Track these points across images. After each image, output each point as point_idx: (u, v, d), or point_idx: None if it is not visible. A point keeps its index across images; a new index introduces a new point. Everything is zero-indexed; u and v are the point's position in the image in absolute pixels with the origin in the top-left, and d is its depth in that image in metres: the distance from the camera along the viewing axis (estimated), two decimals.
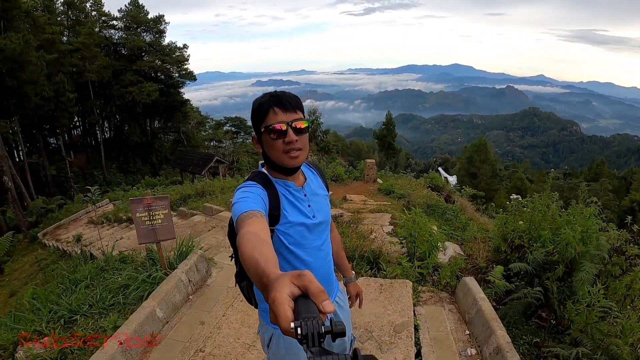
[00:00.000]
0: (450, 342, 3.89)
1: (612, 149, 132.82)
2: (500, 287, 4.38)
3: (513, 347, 3.33)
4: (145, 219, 4.70)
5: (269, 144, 1.66)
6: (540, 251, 4.38)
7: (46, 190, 30.93)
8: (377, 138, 41.72)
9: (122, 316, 4.16)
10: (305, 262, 1.79)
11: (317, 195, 1.88)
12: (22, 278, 12.36)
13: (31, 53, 26.07)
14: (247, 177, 1.80)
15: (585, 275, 3.88)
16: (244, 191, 1.61)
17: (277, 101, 1.63)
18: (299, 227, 1.75)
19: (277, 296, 0.80)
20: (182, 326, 4.18)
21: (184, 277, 4.79)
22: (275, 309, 0.79)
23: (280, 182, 1.76)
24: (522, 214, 5.09)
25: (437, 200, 10.47)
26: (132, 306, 4.35)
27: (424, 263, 5.21)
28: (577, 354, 3.21)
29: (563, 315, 3.95)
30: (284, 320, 0.77)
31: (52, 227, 17.10)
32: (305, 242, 1.79)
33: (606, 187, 41.68)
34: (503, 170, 55.06)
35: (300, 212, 1.77)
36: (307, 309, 0.78)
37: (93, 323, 4.05)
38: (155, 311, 4.10)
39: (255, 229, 1.34)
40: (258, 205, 1.52)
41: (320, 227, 1.85)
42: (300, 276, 0.85)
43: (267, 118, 1.64)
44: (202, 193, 13.18)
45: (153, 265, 5.09)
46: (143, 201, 4.73)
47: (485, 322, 3.74)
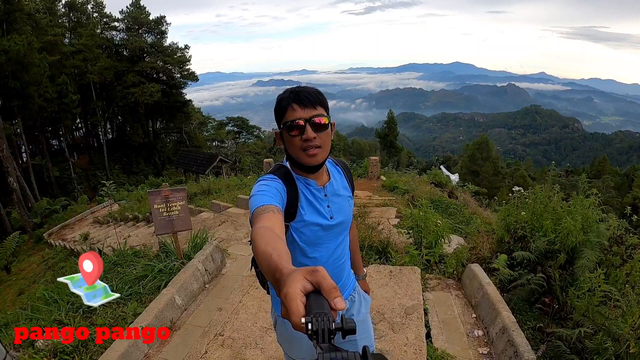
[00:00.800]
0: (458, 324, 4.07)
1: (614, 146, 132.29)
2: (504, 274, 4.47)
3: (518, 326, 3.47)
4: (162, 210, 4.87)
5: (288, 141, 1.64)
6: (542, 240, 4.49)
7: (49, 191, 31.01)
8: (379, 137, 41.75)
9: (140, 305, 4.30)
10: (318, 261, 1.78)
11: (338, 196, 1.84)
12: (30, 277, 12.49)
13: (34, 55, 26.20)
14: (269, 170, 1.77)
15: (586, 262, 3.97)
16: (263, 184, 1.60)
17: (295, 97, 1.61)
18: (314, 227, 1.73)
19: (290, 291, 0.80)
20: (201, 313, 4.36)
21: (201, 266, 4.97)
22: (287, 303, 0.79)
23: (301, 179, 1.74)
24: (525, 206, 5.17)
25: (440, 196, 10.55)
26: (150, 295, 4.49)
27: (431, 252, 5.34)
28: (580, 334, 3.28)
29: (565, 301, 4.03)
30: (295, 315, 0.77)
31: (57, 227, 17.24)
32: (319, 242, 1.77)
33: (608, 184, 41.59)
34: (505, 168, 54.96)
35: (318, 212, 1.75)
36: (319, 305, 0.78)
37: (112, 312, 4.17)
38: (175, 298, 4.29)
39: (270, 224, 1.33)
40: (275, 200, 1.51)
41: (337, 228, 1.82)
42: (314, 272, 0.85)
43: (286, 114, 1.62)
44: (207, 191, 13.28)
45: (167, 257, 5.20)
46: (161, 193, 4.90)
47: (491, 304, 3.88)
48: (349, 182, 1.95)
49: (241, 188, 12.76)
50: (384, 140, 40.62)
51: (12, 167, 23.85)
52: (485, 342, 3.83)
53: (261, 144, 45.65)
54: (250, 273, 5.07)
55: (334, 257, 1.85)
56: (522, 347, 3.18)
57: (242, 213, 9.47)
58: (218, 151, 37.20)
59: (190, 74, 44.12)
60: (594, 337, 3.27)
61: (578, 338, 3.39)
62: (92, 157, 40.54)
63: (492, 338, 3.74)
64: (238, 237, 7.19)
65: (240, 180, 14.78)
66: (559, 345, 3.46)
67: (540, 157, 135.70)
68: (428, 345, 3.61)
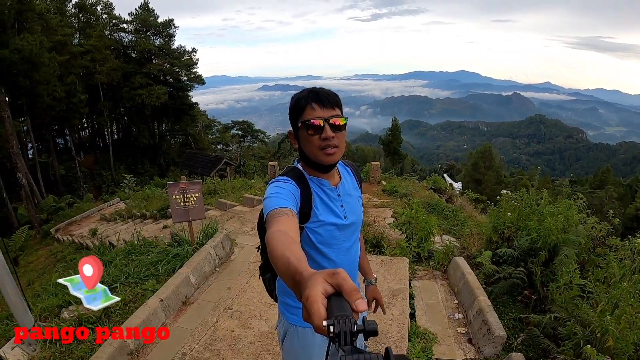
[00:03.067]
0: (440, 307, 4.47)
1: (619, 157, 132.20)
2: (488, 268, 4.81)
3: (493, 308, 3.87)
4: (179, 200, 5.39)
5: (306, 140, 1.66)
6: (525, 239, 4.81)
7: (55, 189, 31.15)
8: (383, 144, 41.80)
9: (158, 283, 4.72)
10: (333, 261, 1.79)
11: (350, 196, 1.86)
12: (39, 269, 12.80)
13: (44, 54, 26.49)
14: (281, 171, 1.78)
15: (564, 258, 4.29)
16: (277, 186, 1.60)
17: (315, 97, 1.63)
18: (330, 226, 1.74)
19: (311, 294, 0.81)
20: (212, 291, 4.85)
21: (212, 251, 5.47)
22: (309, 306, 0.80)
23: (314, 179, 1.75)
24: (512, 208, 5.51)
25: (438, 200, 10.85)
26: (166, 277, 4.90)
27: (421, 246, 5.73)
28: (550, 319, 3.62)
29: (546, 295, 4.36)
30: (317, 318, 0.77)
31: (64, 223, 17.52)
32: (334, 242, 1.78)
33: (611, 194, 41.61)
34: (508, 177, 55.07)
35: (332, 211, 1.76)
36: (340, 307, 0.79)
37: (131, 290, 4.59)
38: (189, 277, 4.78)
39: (285, 227, 1.34)
40: (289, 203, 1.52)
41: (350, 228, 1.84)
42: (335, 274, 0.85)
43: (304, 113, 1.64)
44: (214, 191, 13.63)
45: (179, 245, 5.66)
46: (179, 185, 5.43)
47: (470, 290, 4.28)
48: (358, 182, 1.99)
49: (246, 189, 13.10)
50: (388, 147, 40.64)
51: (21, 163, 24.19)
52: (464, 323, 4.21)
53: (265, 148, 45.78)
54: (255, 260, 5.50)
55: (349, 257, 1.87)
56: (494, 326, 3.55)
57: (248, 210, 9.85)
58: (223, 154, 37.45)
59: (197, 77, 44.21)
60: (567, 324, 3.60)
61: (553, 326, 3.74)
62: (97, 156, 40.70)
63: (470, 320, 4.12)
64: (245, 231, 7.78)
65: (245, 182, 15.12)
66: (535, 332, 3.79)
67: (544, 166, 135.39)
68: (412, 323, 4.02)
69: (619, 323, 3.11)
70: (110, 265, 5.31)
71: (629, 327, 3.11)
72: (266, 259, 1.94)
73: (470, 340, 3.92)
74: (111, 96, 40.26)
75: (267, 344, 3.73)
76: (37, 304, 4.26)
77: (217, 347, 3.74)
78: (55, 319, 3.93)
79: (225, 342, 3.81)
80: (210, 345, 3.77)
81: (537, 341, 3.71)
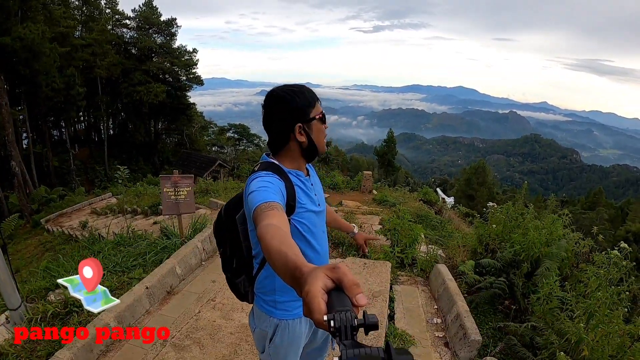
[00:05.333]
0: (420, 312, 4.55)
1: (611, 179, 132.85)
2: (470, 277, 4.91)
3: (470, 313, 3.95)
4: (171, 193, 5.47)
5: (319, 131, 1.78)
6: (508, 250, 4.91)
7: (48, 180, 30.99)
8: (378, 155, 41.83)
9: (145, 272, 4.78)
10: (317, 250, 1.86)
11: (318, 186, 1.97)
12: (26, 258, 12.75)
13: (46, 44, 26.48)
14: (258, 167, 1.78)
15: (544, 270, 4.40)
16: (263, 180, 1.61)
17: (314, 94, 1.78)
18: (310, 213, 1.80)
19: (312, 289, 0.81)
20: (197, 282, 4.93)
21: (200, 245, 5.54)
22: (309, 301, 0.80)
23: (292, 172, 1.80)
24: (497, 220, 5.61)
25: (427, 211, 10.95)
26: (153, 267, 4.96)
27: (405, 252, 5.83)
28: (526, 328, 3.72)
29: (526, 306, 4.45)
30: (317, 313, 0.78)
31: (54, 214, 17.46)
32: (315, 230, 1.84)
33: (602, 216, 41.93)
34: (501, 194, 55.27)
35: (311, 200, 1.83)
36: (341, 302, 0.79)
37: (118, 278, 4.66)
38: (175, 268, 4.86)
39: (277, 221, 1.34)
40: (277, 197, 1.53)
41: (323, 214, 1.93)
42: (335, 269, 0.85)
43: (315, 108, 1.75)
44: (206, 191, 13.67)
45: (168, 239, 5.69)
46: (171, 178, 5.50)
47: (449, 296, 4.38)
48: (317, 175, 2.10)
49: (238, 190, 13.11)
50: (382, 158, 40.65)
51: (15, 151, 24.16)
52: (442, 328, 4.28)
53: (260, 153, 45.75)
54: None
55: (325, 241, 1.96)
56: (470, 330, 3.64)
57: None
58: (217, 156, 37.47)
59: (196, 78, 44.27)
60: (544, 334, 3.70)
61: (530, 335, 3.83)
62: (92, 150, 40.60)
63: (448, 324, 4.21)
64: None
65: (238, 184, 15.20)
66: (513, 341, 3.89)
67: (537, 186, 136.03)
68: (390, 325, 4.09)
69: (595, 333, 3.19)
70: (98, 255, 5.37)
71: (605, 337, 3.16)
72: (238, 260, 1.96)
73: (447, 344, 4.00)
74: (109, 91, 40.23)
75: (247, 335, 3.80)
76: (25, 287, 4.32)
77: (197, 335, 3.83)
78: (42, 300, 3.98)
79: (205, 331, 3.90)
80: (192, 333, 3.86)
81: (514, 349, 3.79)
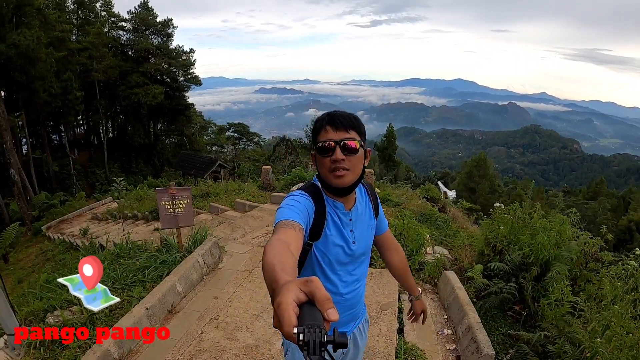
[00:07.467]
0: (429, 323, 4.42)
1: (612, 169, 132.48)
2: (478, 282, 4.79)
3: (482, 326, 3.83)
4: (168, 207, 5.32)
5: (319, 161, 1.68)
6: (517, 253, 4.79)
7: (48, 185, 31.02)
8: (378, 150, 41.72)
9: (144, 290, 4.66)
10: (336, 285, 1.80)
11: (362, 222, 1.85)
12: (28, 267, 12.71)
13: (41, 50, 26.44)
14: (301, 185, 1.79)
15: (555, 274, 4.27)
16: (293, 199, 1.61)
17: (330, 119, 1.66)
18: (337, 248, 1.74)
19: (283, 301, 0.80)
20: (198, 300, 4.80)
21: (200, 259, 5.40)
22: (280, 313, 0.79)
23: (330, 200, 1.74)
24: (504, 221, 5.48)
25: (430, 209, 10.80)
26: (153, 284, 4.84)
27: (412, 258, 5.69)
28: (540, 337, 3.60)
29: (536, 310, 4.34)
30: (287, 325, 0.76)
31: (55, 221, 17.46)
32: (339, 267, 1.78)
33: (604, 206, 41.89)
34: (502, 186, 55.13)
35: (342, 236, 1.76)
36: (312, 316, 0.78)
37: (118, 295, 4.47)
38: (176, 285, 4.74)
39: (287, 238, 1.33)
40: (300, 217, 1.51)
41: (358, 258, 1.86)
42: (308, 282, 0.84)
43: (319, 135, 1.67)
44: (206, 194, 13.49)
45: (168, 252, 5.57)
46: (168, 191, 5.34)
47: (460, 306, 4.24)
48: (373, 207, 1.97)
49: (239, 192, 12.99)
50: (383, 153, 40.52)
51: (14, 159, 24.10)
52: (453, 339, 4.17)
53: (260, 151, 45.64)
54: (244, 268, 5.46)
55: (353, 281, 1.87)
56: (483, 344, 3.51)
57: (239, 216, 9.77)
58: (217, 156, 37.32)
59: (194, 78, 44.16)
60: (557, 342, 3.58)
61: (542, 343, 3.72)
62: (92, 154, 40.59)
63: (459, 336, 4.09)
64: (234, 238, 7.65)
65: (239, 185, 15.03)
66: (524, 349, 3.77)
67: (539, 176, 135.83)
68: (400, 339, 3.97)
69: (610, 344, 3.09)
70: None
71: (619, 348, 3.08)
72: None
73: (458, 358, 3.88)
74: (107, 94, 40.11)
75: (252, 357, 3.69)
76: (23, 307, 4.19)
77: (201, 358, 3.71)
78: (40, 323, 3.87)
79: (209, 353, 3.76)
80: (195, 356, 3.73)
81: (526, 358, 3.69)
